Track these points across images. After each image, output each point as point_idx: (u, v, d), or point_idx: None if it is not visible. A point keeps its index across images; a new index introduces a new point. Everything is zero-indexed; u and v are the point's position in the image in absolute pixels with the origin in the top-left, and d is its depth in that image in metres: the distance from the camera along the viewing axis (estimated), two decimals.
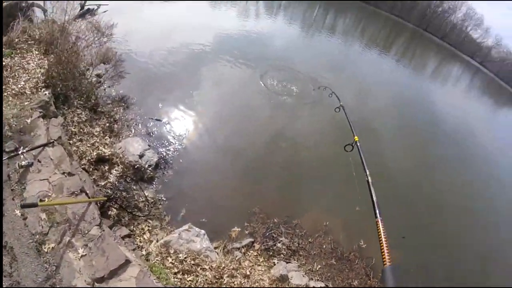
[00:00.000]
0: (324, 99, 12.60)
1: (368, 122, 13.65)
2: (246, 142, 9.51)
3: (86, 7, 12.29)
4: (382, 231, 3.00)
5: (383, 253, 2.71)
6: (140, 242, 5.83)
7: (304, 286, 6.00)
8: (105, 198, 5.92)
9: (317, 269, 6.50)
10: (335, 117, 11.62)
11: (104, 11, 12.70)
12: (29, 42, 8.00)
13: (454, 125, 19.23)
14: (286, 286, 5.85)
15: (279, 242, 6.72)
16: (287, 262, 6.40)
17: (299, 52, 19.64)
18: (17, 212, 4.92)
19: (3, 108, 6.02)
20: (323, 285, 6.17)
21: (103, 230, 5.18)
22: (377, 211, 3.39)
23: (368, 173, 4.19)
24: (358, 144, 4.90)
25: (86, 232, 5.07)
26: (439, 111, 20.61)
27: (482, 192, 12.94)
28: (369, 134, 12.50)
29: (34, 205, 4.39)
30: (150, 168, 7.24)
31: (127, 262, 4.87)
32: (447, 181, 12.15)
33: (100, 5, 13.31)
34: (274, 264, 6.33)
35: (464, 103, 29.22)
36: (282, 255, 6.53)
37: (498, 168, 16.29)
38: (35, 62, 7.40)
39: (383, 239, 2.88)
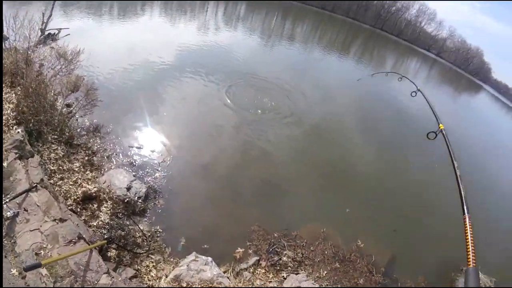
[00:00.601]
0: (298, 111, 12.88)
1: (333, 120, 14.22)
2: (227, 161, 9.23)
3: (47, 32, 11.23)
4: (469, 230, 2.62)
5: (468, 253, 2.37)
6: (149, 280, 5.42)
7: None
8: (105, 242, 5.40)
9: (324, 274, 6.55)
10: (305, 131, 12.12)
11: (66, 35, 11.78)
12: None
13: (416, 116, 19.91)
14: None
15: (284, 256, 6.66)
16: (296, 274, 6.37)
17: (261, 62, 19.82)
18: (14, 271, 4.30)
19: None
20: None
21: (113, 277, 4.75)
22: (465, 207, 2.94)
23: (456, 165, 3.60)
24: (444, 132, 4.33)
25: (96, 282, 4.59)
26: (401, 103, 21.43)
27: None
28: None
29: (38, 265, 3.87)
30: (140, 200, 6.75)
31: None
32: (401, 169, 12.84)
33: (60, 29, 12.28)
34: (284, 278, 6.26)
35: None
36: (289, 268, 6.47)
37: None
38: (2, 97, 6.52)
39: (470, 238, 2.51)
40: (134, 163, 7.84)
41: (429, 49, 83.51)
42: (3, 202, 4.81)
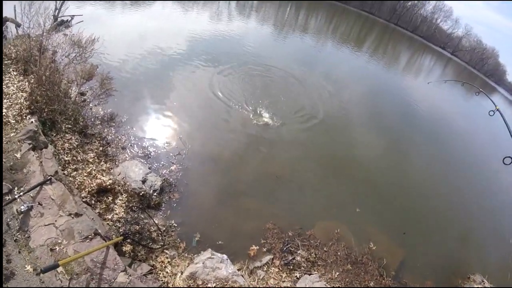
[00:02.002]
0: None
1: (344, 115, 13.80)
2: (243, 156, 8.87)
3: (60, 19, 10.69)
4: None
5: None
6: (164, 277, 5.15)
7: None
8: (122, 238, 5.12)
9: (336, 276, 6.29)
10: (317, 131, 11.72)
11: (79, 22, 11.14)
12: (5, 61, 6.76)
13: (423, 115, 19.48)
14: None
15: (297, 256, 6.40)
16: (309, 274, 6.13)
17: (273, 54, 18.80)
18: (28, 267, 4.03)
19: None
20: None
21: (130, 275, 4.46)
22: None
23: None
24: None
25: (113, 280, 4.33)
26: (412, 102, 20.76)
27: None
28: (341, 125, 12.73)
29: (55, 266, 3.62)
30: (155, 194, 6.45)
31: None
32: (421, 168, 12.49)
33: (73, 16, 11.71)
34: (298, 278, 6.02)
35: (438, 93, 29.85)
36: (302, 268, 6.22)
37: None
38: (15, 85, 6.28)
39: None
40: (149, 155, 7.49)
41: (444, 47, 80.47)
42: (17, 196, 4.50)
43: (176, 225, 6.19)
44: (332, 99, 15.13)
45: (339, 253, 6.81)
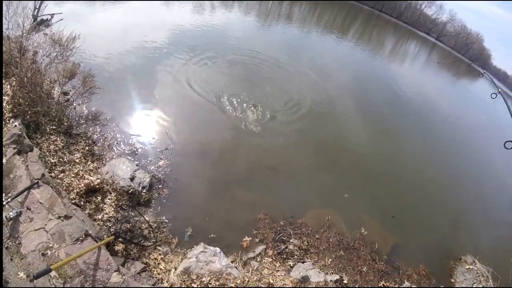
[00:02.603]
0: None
1: (331, 103, 13.79)
2: (230, 147, 8.82)
3: (39, 18, 10.30)
4: None
5: None
6: (158, 273, 5.16)
7: (323, 282, 5.92)
8: (113, 237, 5.08)
9: (329, 262, 6.42)
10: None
11: (59, 20, 10.84)
12: None
13: (410, 101, 19.65)
14: (310, 287, 5.70)
15: (290, 244, 6.48)
16: (302, 262, 6.23)
17: (257, 43, 18.57)
18: (21, 274, 3.99)
19: None
20: (338, 277, 6.11)
21: (124, 275, 4.45)
22: None
23: None
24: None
25: (106, 281, 4.31)
26: (398, 88, 20.82)
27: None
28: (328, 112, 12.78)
29: (47, 271, 3.58)
30: (144, 190, 6.40)
31: None
32: (411, 152, 12.69)
33: (53, 14, 11.26)
34: (291, 267, 6.12)
35: (423, 78, 30.38)
36: (295, 256, 6.32)
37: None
38: (2, 98, 5.94)
39: None
40: (136, 152, 7.39)
41: (429, 32, 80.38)
42: (4, 202, 4.41)
43: (167, 221, 6.17)
44: (319, 88, 15.09)
45: (331, 240, 6.92)
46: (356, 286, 6.16)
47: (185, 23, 17.42)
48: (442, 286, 6.92)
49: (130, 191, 6.21)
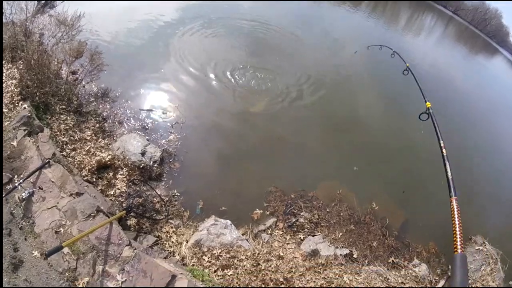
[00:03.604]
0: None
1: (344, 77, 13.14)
2: (240, 120, 8.66)
3: (42, 0, 9.91)
4: (456, 213, 2.39)
5: (455, 238, 2.17)
6: (170, 246, 5.24)
7: (333, 256, 5.88)
8: (124, 212, 5.14)
9: (340, 236, 6.35)
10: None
11: (64, 0, 10.35)
12: None
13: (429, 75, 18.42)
14: (319, 261, 5.67)
15: (300, 217, 6.44)
16: (312, 236, 6.19)
17: (268, 13, 17.39)
18: (35, 253, 4.10)
19: None
20: (347, 251, 6.06)
21: (135, 249, 4.52)
22: (452, 189, 2.71)
23: (443, 144, 3.55)
24: (431, 111, 4.22)
25: (118, 255, 4.37)
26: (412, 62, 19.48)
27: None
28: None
29: (59, 248, 3.60)
30: (155, 165, 6.38)
31: (173, 277, 4.31)
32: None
33: None
34: (301, 240, 6.10)
35: (439, 52, 28.39)
36: (306, 230, 6.28)
37: None
38: (4, 74, 5.98)
39: (457, 223, 2.30)
40: (147, 127, 7.33)
41: (446, 5, 74.32)
42: (17, 183, 4.48)
43: (178, 194, 6.19)
44: (332, 60, 14.37)
45: (341, 214, 6.81)
46: (366, 261, 6.08)
47: None
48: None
49: (141, 166, 6.22)
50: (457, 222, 2.32)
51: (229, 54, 11.61)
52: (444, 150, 3.42)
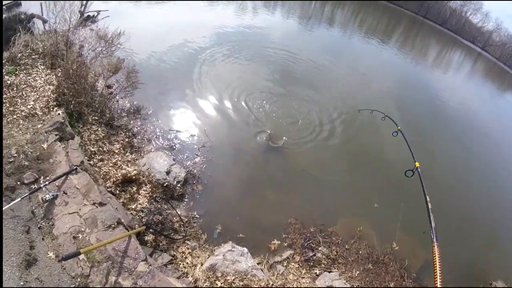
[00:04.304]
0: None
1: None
2: (266, 149, 8.56)
3: (86, 14, 10.80)
4: (437, 258, 2.77)
5: (436, 280, 2.50)
6: (184, 267, 5.06)
7: None
8: (144, 228, 5.04)
9: (356, 275, 5.98)
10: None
11: (105, 17, 11.19)
12: (33, 56, 6.81)
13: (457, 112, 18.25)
14: None
15: (318, 252, 6.13)
16: (329, 272, 5.84)
17: (299, 46, 17.91)
18: (51, 254, 4.02)
19: (15, 133, 4.92)
20: None
21: (150, 265, 4.36)
22: (434, 236, 3.23)
23: (428, 199, 3.97)
24: (419, 170, 4.54)
25: (133, 269, 4.23)
26: (444, 98, 19.49)
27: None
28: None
29: (76, 254, 3.55)
30: (179, 185, 6.38)
31: None
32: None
33: (99, 11, 11.82)
34: (317, 275, 5.76)
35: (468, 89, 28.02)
36: (323, 265, 5.95)
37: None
38: (43, 78, 6.31)
39: (438, 266, 2.65)
40: (174, 147, 7.43)
41: (474, 41, 73.89)
42: (42, 184, 4.52)
43: (198, 216, 6.09)
44: (360, 95, 14.21)
45: (360, 252, 6.48)
46: None
47: (227, 23, 17.32)
48: None
49: (165, 184, 6.21)
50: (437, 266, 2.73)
51: (261, 83, 11.86)
52: (429, 204, 3.93)
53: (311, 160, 8.92)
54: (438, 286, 2.17)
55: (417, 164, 4.63)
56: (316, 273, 5.89)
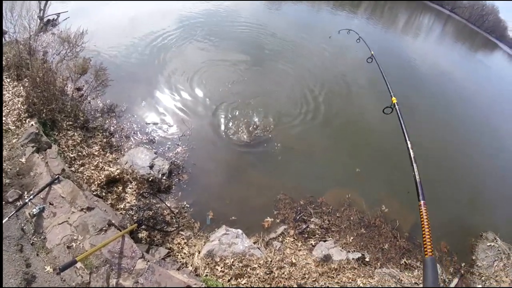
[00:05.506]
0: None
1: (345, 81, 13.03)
2: (247, 128, 8.49)
3: (46, 19, 10.15)
4: (425, 217, 2.26)
5: (425, 242, 2.12)
6: (182, 258, 5.11)
7: (346, 260, 5.74)
8: (136, 225, 5.02)
9: (351, 240, 6.23)
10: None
11: (66, 18, 10.63)
12: None
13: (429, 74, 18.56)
14: (332, 266, 5.54)
15: (311, 224, 6.32)
16: (324, 241, 6.06)
17: (270, 21, 17.81)
18: (48, 268, 3.98)
19: None
20: (360, 254, 5.95)
21: (148, 261, 4.40)
22: (420, 193, 2.51)
23: (410, 145, 3.12)
24: (397, 106, 3.94)
25: (132, 268, 4.26)
26: (414, 61, 19.83)
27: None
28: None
29: (72, 263, 3.50)
30: (164, 177, 6.30)
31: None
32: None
33: (59, 13, 11.07)
34: (313, 246, 5.97)
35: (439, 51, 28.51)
36: (317, 235, 6.16)
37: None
38: (10, 91, 6.05)
39: (426, 227, 2.19)
40: (154, 140, 7.26)
41: (442, 4, 75.08)
42: (27, 199, 4.40)
43: (188, 205, 6.09)
44: (333, 65, 14.34)
45: (352, 218, 6.72)
46: (378, 263, 5.95)
47: (193, 8, 16.50)
48: None
49: (150, 179, 6.14)
50: (426, 227, 2.19)
51: (231, 62, 11.67)
52: (411, 151, 3.06)
53: (292, 135, 8.90)
54: (428, 254, 2.01)
55: (394, 99, 4.13)
56: (312, 244, 6.09)
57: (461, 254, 6.92)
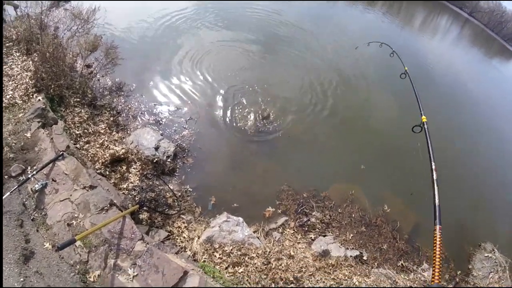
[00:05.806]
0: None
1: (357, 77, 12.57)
2: (256, 117, 8.38)
3: None
4: (438, 243, 2.22)
5: (434, 268, 2.02)
6: (181, 242, 5.14)
7: (344, 257, 5.72)
8: (137, 206, 5.03)
9: (350, 238, 6.21)
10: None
11: None
12: (7, 44, 6.41)
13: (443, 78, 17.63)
14: (329, 262, 5.52)
15: (312, 217, 6.28)
16: (323, 236, 6.04)
17: (284, 10, 16.89)
18: (47, 244, 4.01)
19: None
20: (358, 252, 5.93)
21: (148, 243, 4.41)
22: (438, 217, 2.52)
23: (434, 167, 3.16)
24: (426, 126, 3.86)
25: (131, 250, 4.27)
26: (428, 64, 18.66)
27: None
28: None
29: (72, 241, 3.50)
30: (169, 159, 6.29)
31: (185, 273, 4.20)
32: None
33: None
34: (312, 240, 5.96)
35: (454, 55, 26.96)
36: (317, 230, 6.14)
37: None
38: (19, 66, 5.97)
39: (438, 253, 2.13)
40: (161, 121, 7.22)
41: (462, 7, 72.53)
42: (30, 175, 4.42)
43: (191, 189, 6.09)
44: (347, 58, 13.78)
45: (353, 215, 6.67)
46: (376, 263, 5.91)
47: None
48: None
49: (154, 160, 6.12)
50: (438, 253, 2.15)
51: (243, 47, 11.43)
52: (434, 173, 3.07)
53: (302, 127, 8.75)
54: (436, 281, 1.85)
55: (424, 118, 4.01)
56: (311, 237, 6.08)
57: (458, 262, 6.84)
